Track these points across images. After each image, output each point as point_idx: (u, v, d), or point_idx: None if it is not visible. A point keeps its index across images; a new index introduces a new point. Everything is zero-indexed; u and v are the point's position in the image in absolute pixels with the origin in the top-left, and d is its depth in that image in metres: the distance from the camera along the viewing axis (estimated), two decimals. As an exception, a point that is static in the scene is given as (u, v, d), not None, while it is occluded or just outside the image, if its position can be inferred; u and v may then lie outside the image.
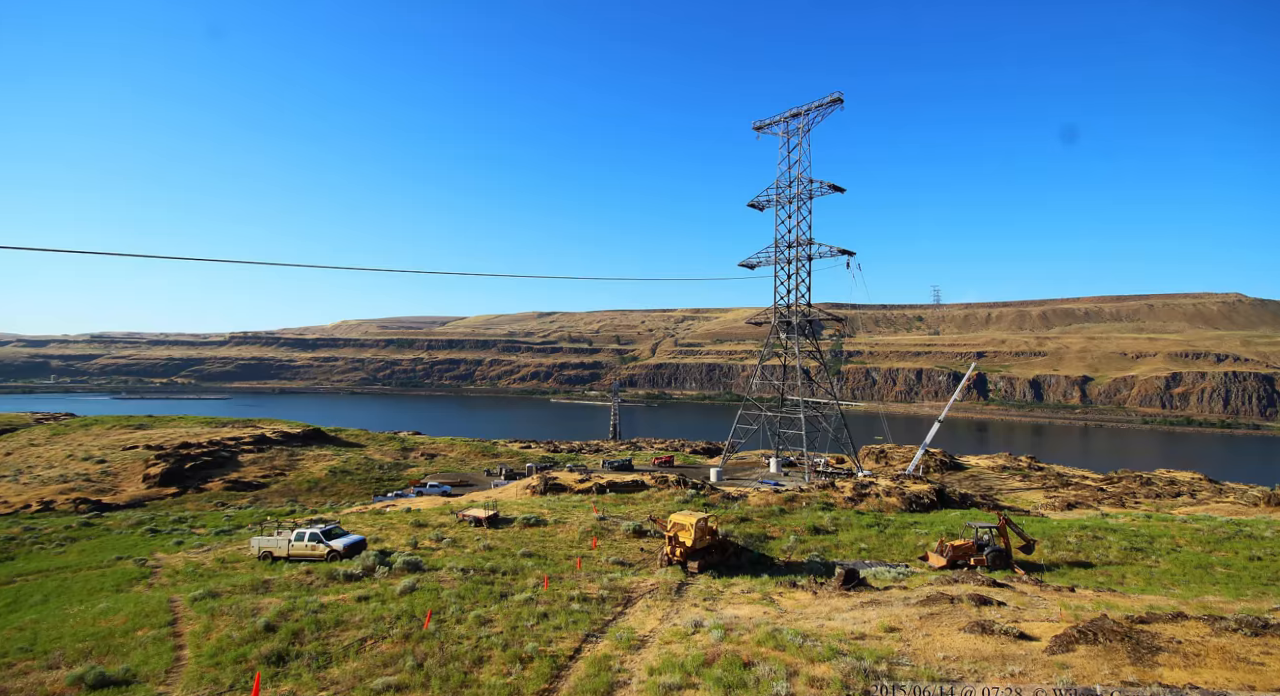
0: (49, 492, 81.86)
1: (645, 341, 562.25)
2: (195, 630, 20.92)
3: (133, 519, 62.25)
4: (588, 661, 17.08)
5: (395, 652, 18.02)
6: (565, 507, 51.42)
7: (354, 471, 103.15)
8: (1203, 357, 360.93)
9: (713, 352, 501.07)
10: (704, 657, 16.17)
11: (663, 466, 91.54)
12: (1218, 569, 34.87)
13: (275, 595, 24.83)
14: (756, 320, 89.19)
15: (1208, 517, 49.77)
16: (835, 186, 77.24)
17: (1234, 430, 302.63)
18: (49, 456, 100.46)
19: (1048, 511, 69.57)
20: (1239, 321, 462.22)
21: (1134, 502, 78.85)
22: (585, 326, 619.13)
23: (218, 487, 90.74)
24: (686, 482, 64.34)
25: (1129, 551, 38.60)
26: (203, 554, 37.33)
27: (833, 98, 74.55)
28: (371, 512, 54.02)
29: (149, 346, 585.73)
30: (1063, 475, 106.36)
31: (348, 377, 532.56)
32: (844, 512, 52.29)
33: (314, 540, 34.16)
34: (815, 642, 16.86)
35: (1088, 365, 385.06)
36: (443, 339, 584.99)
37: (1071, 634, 15.83)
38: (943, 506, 58.75)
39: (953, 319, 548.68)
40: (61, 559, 42.13)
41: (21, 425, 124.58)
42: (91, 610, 24.20)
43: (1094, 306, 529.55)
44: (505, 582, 27.09)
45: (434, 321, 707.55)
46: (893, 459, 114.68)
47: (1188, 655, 14.33)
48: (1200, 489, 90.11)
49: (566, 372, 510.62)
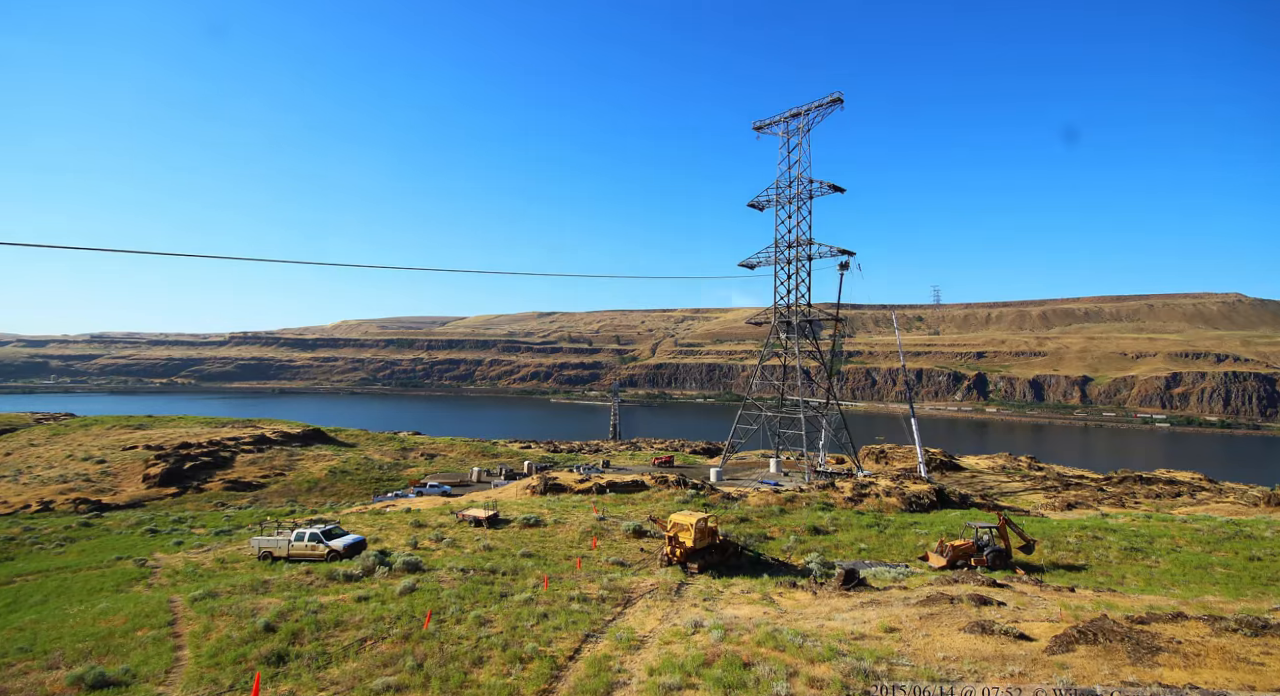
0: (48, 493, 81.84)
1: (645, 341, 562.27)
2: (195, 630, 20.91)
3: (132, 519, 62.25)
4: (587, 661, 17.06)
5: (395, 653, 18.00)
6: (565, 508, 51.40)
7: (353, 471, 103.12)
8: (1203, 358, 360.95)
9: (713, 353, 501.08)
10: (703, 658, 16.15)
11: (663, 466, 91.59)
12: (1217, 569, 34.86)
13: (275, 595, 24.81)
14: (756, 320, 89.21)
15: (1207, 518, 49.75)
16: (835, 186, 77.25)
17: (1234, 430, 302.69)
18: (49, 456, 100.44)
19: (1047, 511, 69.55)
20: (1239, 321, 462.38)
21: (1134, 503, 78.84)
22: (585, 326, 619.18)
23: (217, 488, 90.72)
24: (686, 483, 64.36)
25: (1129, 551, 38.59)
26: (202, 554, 37.32)
27: (832, 98, 74.55)
28: (371, 513, 54.01)
29: (149, 346, 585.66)
30: (1063, 475, 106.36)
31: (347, 378, 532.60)
32: (844, 513, 52.29)
33: (314, 540, 34.14)
34: (815, 643, 16.85)
35: (1088, 365, 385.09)
36: (443, 339, 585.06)
37: (1071, 634, 15.83)
38: (942, 506, 58.75)
39: (953, 319, 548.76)
40: (61, 559, 42.13)
41: (21, 425, 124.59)
42: (91, 610, 24.19)
43: (1094, 306, 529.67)
44: (505, 583, 27.07)
45: (434, 321, 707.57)
46: (893, 459, 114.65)
47: (1188, 655, 14.32)
48: (1200, 489, 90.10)
49: (566, 373, 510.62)
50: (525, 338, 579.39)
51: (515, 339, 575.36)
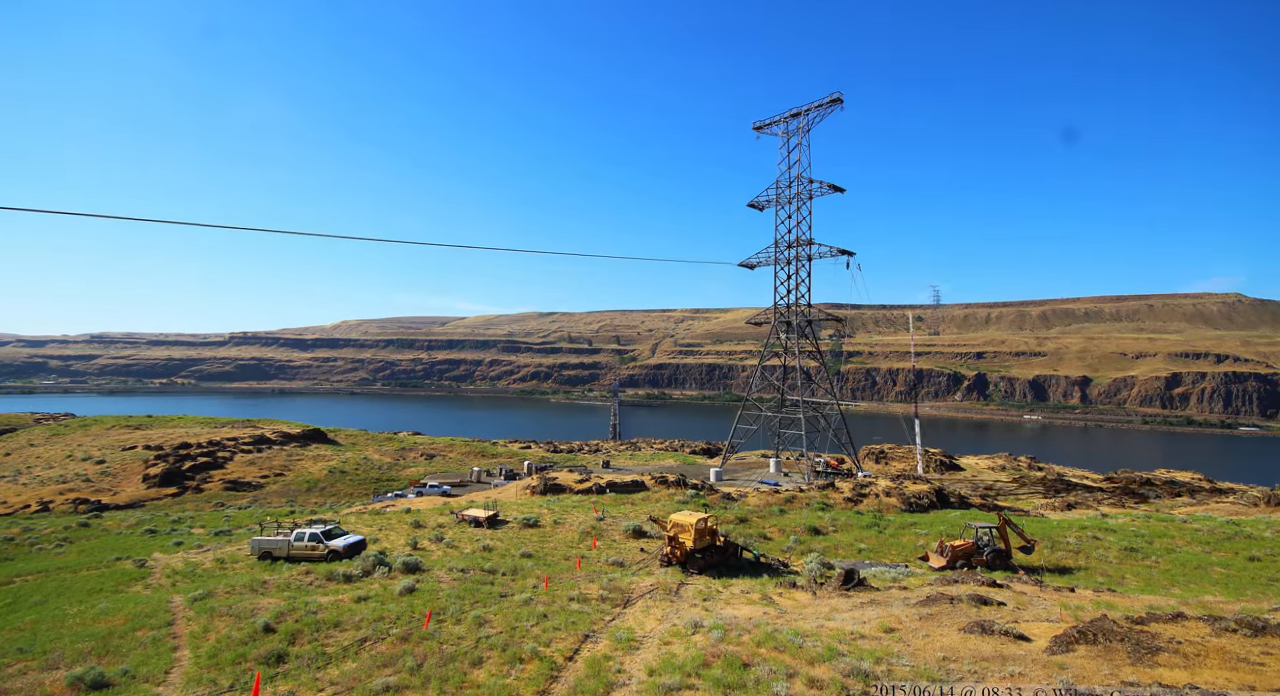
0: (48, 493, 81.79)
1: (645, 341, 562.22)
2: (194, 630, 20.89)
3: (131, 519, 62.19)
4: (586, 662, 17.04)
5: (394, 653, 17.99)
6: (564, 508, 51.36)
7: (353, 471, 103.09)
8: (1203, 358, 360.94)
9: (713, 353, 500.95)
10: (703, 658, 16.14)
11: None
12: (1217, 569, 34.83)
13: (274, 595, 24.80)
14: (756, 320, 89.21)
15: (1207, 518, 49.73)
16: (835, 186, 77.26)
17: (1234, 430, 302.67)
18: (48, 457, 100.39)
19: (1047, 511, 69.50)
20: (1239, 321, 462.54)
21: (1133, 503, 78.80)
22: (585, 326, 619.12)
23: (216, 488, 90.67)
24: (686, 483, 64.34)
25: (1128, 551, 38.57)
26: (201, 554, 37.29)
27: (832, 97, 74.56)
28: (370, 513, 53.97)
29: (148, 346, 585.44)
30: (1062, 475, 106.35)
31: (347, 378, 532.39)
32: (843, 513, 52.24)
33: (313, 540, 34.12)
34: (814, 643, 16.84)
35: (1088, 365, 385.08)
36: (442, 339, 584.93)
37: (1071, 634, 15.82)
38: (942, 507, 58.71)
39: (953, 319, 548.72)
40: (60, 559, 42.06)
41: (21, 425, 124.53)
42: (90, 610, 24.17)
43: (1094, 306, 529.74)
44: (504, 583, 27.05)
45: (434, 321, 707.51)
46: (893, 459, 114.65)
47: (1187, 655, 14.31)
48: (1200, 489, 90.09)
49: (566, 373, 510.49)
50: (525, 338, 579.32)
51: (515, 339, 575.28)
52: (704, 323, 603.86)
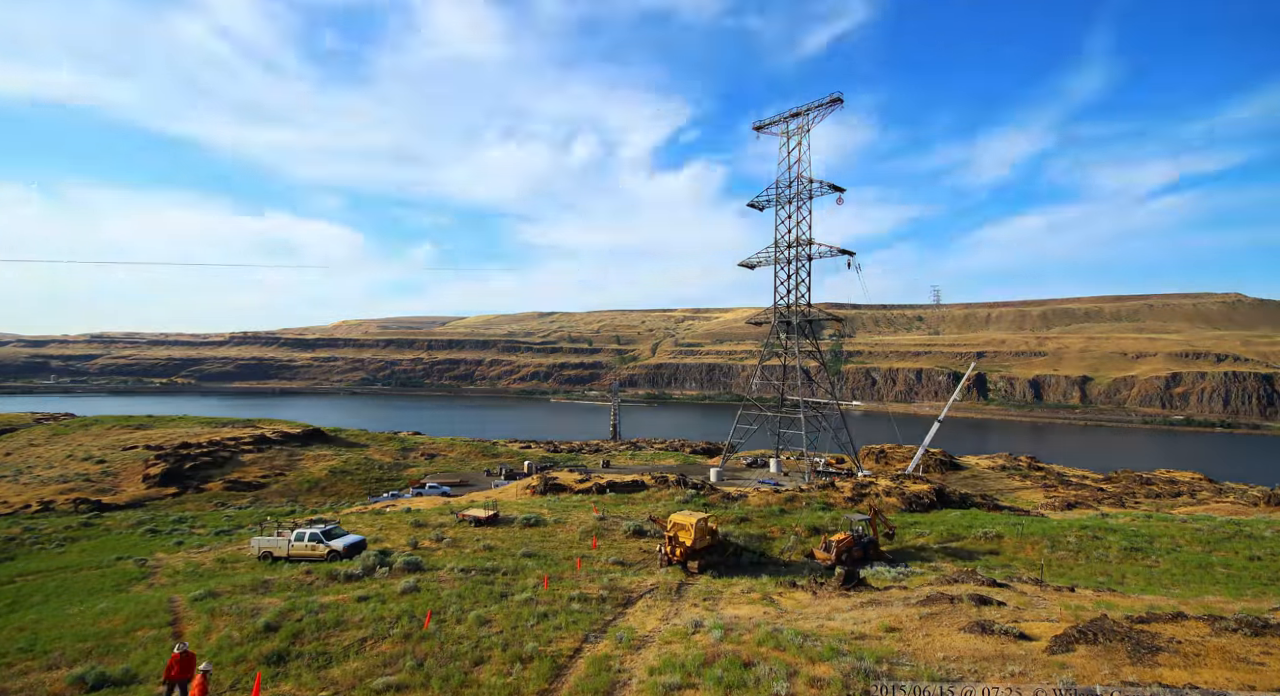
0: (49, 493, 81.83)
1: (645, 341, 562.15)
2: (195, 630, 20.93)
3: (132, 519, 62.27)
4: (588, 661, 17.07)
5: (395, 652, 18.02)
6: (565, 507, 51.40)
7: (354, 471, 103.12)
8: (1202, 358, 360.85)
9: (713, 353, 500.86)
10: (704, 657, 16.17)
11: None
12: (1218, 569, 34.85)
13: (275, 595, 24.83)
14: (756, 320, 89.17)
15: (1207, 517, 49.76)
16: (835, 186, 77.22)
17: (1234, 430, 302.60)
18: (49, 456, 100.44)
19: (1048, 511, 69.56)
20: (1239, 321, 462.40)
21: (1134, 502, 78.89)
22: (585, 326, 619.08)
23: (218, 488, 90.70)
24: (686, 482, 64.35)
25: (1129, 551, 38.59)
26: (202, 554, 37.32)
27: (832, 97, 74.54)
28: (371, 513, 54.01)
29: (149, 346, 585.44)
30: (1062, 475, 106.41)
31: (347, 378, 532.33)
32: (843, 513, 52.23)
33: (314, 540, 34.15)
34: (815, 642, 16.86)
35: (1088, 365, 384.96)
36: (443, 339, 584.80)
37: (1071, 634, 15.84)
38: (942, 506, 58.72)
39: (953, 319, 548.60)
40: (61, 559, 42.11)
41: (21, 425, 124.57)
42: (91, 610, 24.20)
43: (1094, 306, 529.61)
44: (505, 582, 27.08)
45: (434, 321, 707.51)
46: (893, 459, 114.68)
47: (1188, 655, 14.33)
48: (1200, 489, 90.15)
49: (566, 373, 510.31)
50: (525, 338, 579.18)
51: (515, 339, 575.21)
52: (704, 322, 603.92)
